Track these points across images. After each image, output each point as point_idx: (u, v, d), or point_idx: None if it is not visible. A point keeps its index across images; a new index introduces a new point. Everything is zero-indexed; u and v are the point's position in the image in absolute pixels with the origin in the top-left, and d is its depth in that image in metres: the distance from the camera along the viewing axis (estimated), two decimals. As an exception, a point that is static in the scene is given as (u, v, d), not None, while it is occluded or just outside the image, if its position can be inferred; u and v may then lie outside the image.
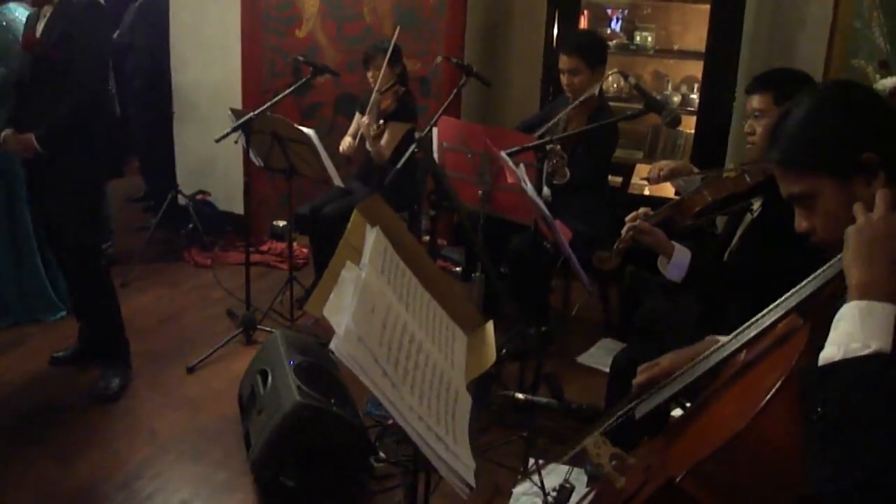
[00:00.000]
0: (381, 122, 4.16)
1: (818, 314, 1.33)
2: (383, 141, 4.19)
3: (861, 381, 1.16)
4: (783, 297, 1.41)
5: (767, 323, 1.40)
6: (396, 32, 4.14)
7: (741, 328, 1.48)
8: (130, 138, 5.88)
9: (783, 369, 1.25)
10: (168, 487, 2.81)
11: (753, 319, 1.45)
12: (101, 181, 3.59)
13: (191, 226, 5.11)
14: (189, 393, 3.42)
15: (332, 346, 1.29)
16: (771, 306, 1.43)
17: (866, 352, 1.18)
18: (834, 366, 1.19)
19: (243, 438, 2.97)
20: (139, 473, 2.87)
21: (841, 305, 1.25)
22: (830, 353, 1.21)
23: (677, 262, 2.52)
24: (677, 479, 1.27)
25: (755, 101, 2.54)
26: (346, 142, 4.41)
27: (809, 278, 1.38)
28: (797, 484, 1.19)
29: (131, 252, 4.81)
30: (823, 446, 1.15)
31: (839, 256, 1.35)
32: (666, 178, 3.08)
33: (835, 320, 1.24)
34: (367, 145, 4.15)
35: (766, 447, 1.22)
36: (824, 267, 1.36)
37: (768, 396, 1.22)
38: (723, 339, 1.64)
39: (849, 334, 1.20)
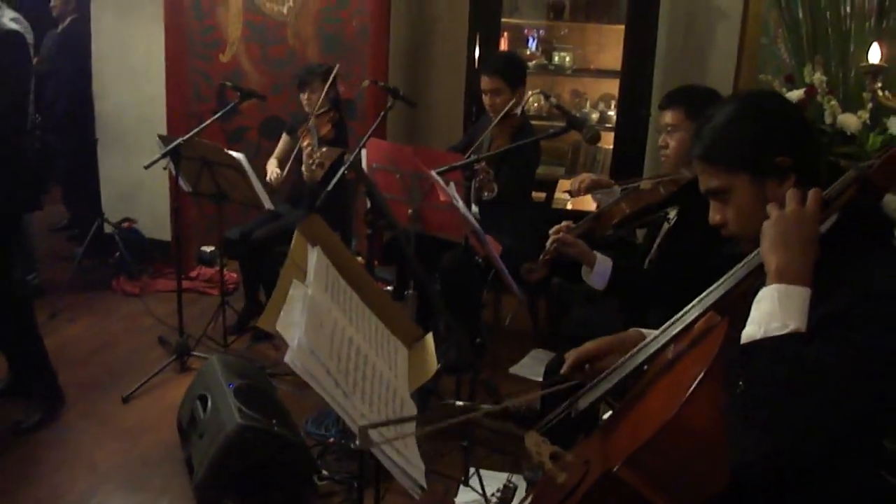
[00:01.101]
0: (324, 149, 4.17)
1: (734, 310, 1.45)
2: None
3: (780, 358, 1.28)
4: (700, 296, 1.54)
5: (688, 321, 1.52)
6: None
7: (664, 326, 1.60)
8: (51, 167, 5.79)
9: (705, 362, 1.35)
10: (111, 517, 2.80)
11: (674, 318, 1.57)
12: (16, 215, 3.42)
13: (117, 254, 5.06)
14: (126, 422, 3.40)
15: (286, 358, 1.36)
16: (690, 305, 1.55)
17: (785, 331, 1.31)
18: (755, 344, 1.32)
19: (185, 464, 2.97)
20: (81, 505, 2.85)
21: (752, 301, 1.37)
22: (752, 331, 1.34)
23: (600, 270, 2.66)
24: (614, 470, 1.36)
25: (668, 117, 2.71)
26: (273, 172, 4.39)
27: (723, 278, 1.51)
28: (724, 464, 1.30)
29: (58, 283, 4.74)
30: (745, 418, 1.26)
31: (749, 258, 1.48)
32: (587, 191, 3.23)
33: (755, 301, 1.37)
34: (305, 169, 4.16)
35: (694, 434, 1.32)
36: (736, 267, 1.49)
37: (693, 387, 1.32)
38: (646, 331, 1.76)
39: (769, 314, 1.33)
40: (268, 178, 4.31)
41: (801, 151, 1.54)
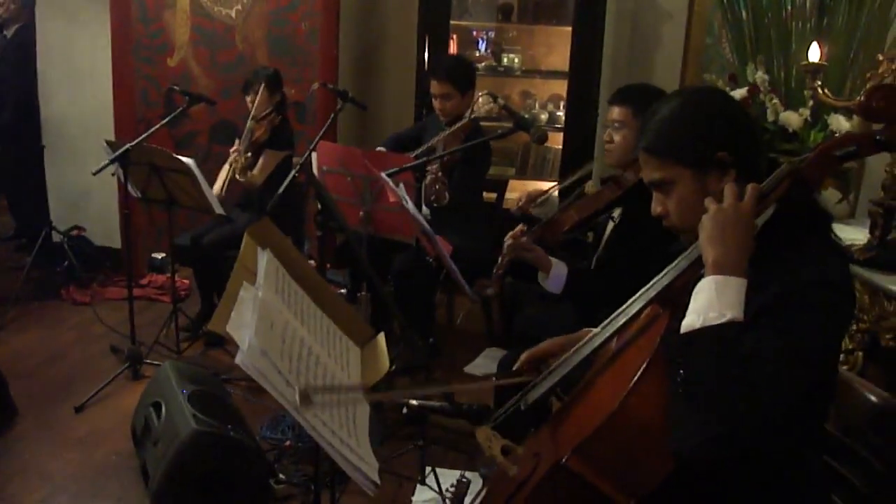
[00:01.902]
0: (249, 154, 4.15)
1: (675, 301, 1.49)
2: (256, 169, 4.20)
3: (718, 346, 1.33)
4: (643, 289, 1.58)
5: (632, 313, 1.56)
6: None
7: (608, 319, 1.64)
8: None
9: (648, 353, 1.40)
10: (66, 527, 2.77)
11: (619, 311, 1.61)
12: None
13: (66, 263, 4.99)
14: (80, 432, 3.35)
15: (237, 359, 1.37)
16: (633, 298, 1.59)
17: (722, 320, 1.35)
18: (694, 333, 1.37)
19: (140, 472, 2.95)
20: (35, 516, 2.81)
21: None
22: (691, 321, 1.38)
23: (555, 275, 2.71)
24: (563, 461, 1.39)
25: (615, 113, 2.75)
26: (218, 184, 4.37)
27: (665, 271, 1.55)
28: (671, 451, 1.34)
29: (6, 293, 4.66)
30: (686, 405, 1.31)
31: (689, 251, 1.52)
32: (527, 207, 3.26)
33: (694, 292, 1.42)
34: (237, 175, 4.14)
35: (639, 422, 1.36)
36: (677, 260, 1.53)
37: (636, 377, 1.36)
38: (596, 331, 1.80)
39: (707, 305, 1.38)
40: (213, 191, 4.29)
41: (741, 147, 1.58)
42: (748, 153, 1.59)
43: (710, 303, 1.38)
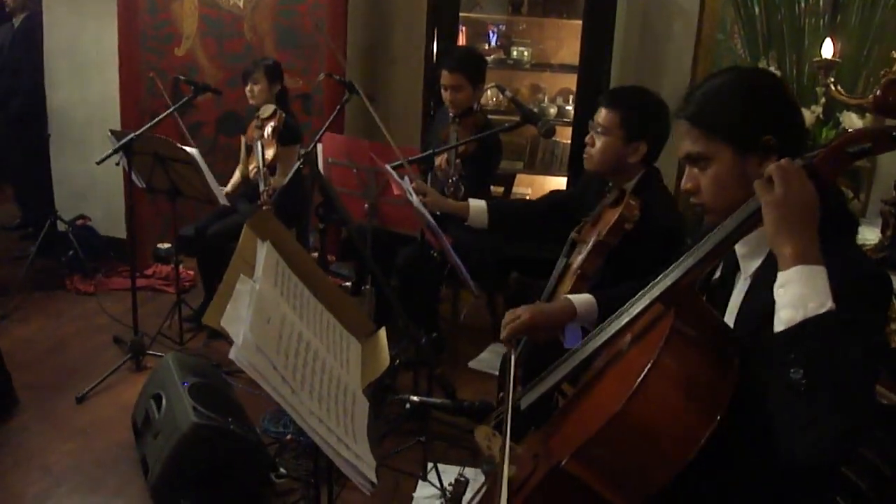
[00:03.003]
0: (271, 180, 3.92)
1: (680, 301, 1.45)
2: (278, 173, 4.14)
3: (834, 335, 1.26)
4: (647, 288, 1.54)
5: (634, 313, 1.52)
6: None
7: (609, 319, 1.60)
8: (2, 164, 5.70)
9: (651, 354, 1.36)
10: (64, 520, 2.75)
11: (621, 310, 1.57)
12: None
13: (71, 252, 4.97)
14: (80, 423, 3.34)
15: (231, 355, 1.34)
16: (636, 296, 1.55)
17: (824, 310, 1.27)
18: (801, 326, 1.28)
19: (140, 464, 2.93)
20: (34, 508, 2.79)
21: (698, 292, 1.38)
22: (789, 315, 1.29)
23: (571, 337, 2.64)
24: (562, 464, 1.36)
25: (602, 116, 2.62)
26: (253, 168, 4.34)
27: (668, 270, 1.51)
28: (674, 456, 1.30)
29: (10, 282, 4.65)
30: (810, 404, 1.23)
31: (693, 250, 1.47)
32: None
33: (777, 286, 1.33)
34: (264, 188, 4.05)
35: (641, 426, 1.32)
36: (682, 258, 1.49)
37: (639, 379, 1.32)
38: (573, 297, 1.87)
39: (802, 296, 1.29)
40: (251, 175, 4.25)
41: (787, 134, 1.54)
42: (793, 141, 1.55)
43: (806, 294, 1.29)
